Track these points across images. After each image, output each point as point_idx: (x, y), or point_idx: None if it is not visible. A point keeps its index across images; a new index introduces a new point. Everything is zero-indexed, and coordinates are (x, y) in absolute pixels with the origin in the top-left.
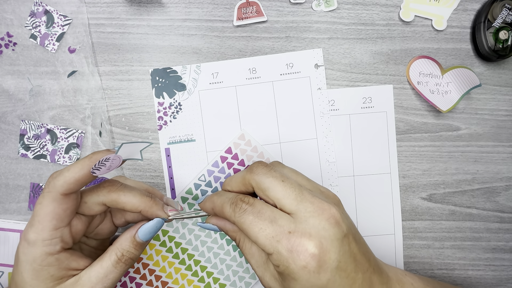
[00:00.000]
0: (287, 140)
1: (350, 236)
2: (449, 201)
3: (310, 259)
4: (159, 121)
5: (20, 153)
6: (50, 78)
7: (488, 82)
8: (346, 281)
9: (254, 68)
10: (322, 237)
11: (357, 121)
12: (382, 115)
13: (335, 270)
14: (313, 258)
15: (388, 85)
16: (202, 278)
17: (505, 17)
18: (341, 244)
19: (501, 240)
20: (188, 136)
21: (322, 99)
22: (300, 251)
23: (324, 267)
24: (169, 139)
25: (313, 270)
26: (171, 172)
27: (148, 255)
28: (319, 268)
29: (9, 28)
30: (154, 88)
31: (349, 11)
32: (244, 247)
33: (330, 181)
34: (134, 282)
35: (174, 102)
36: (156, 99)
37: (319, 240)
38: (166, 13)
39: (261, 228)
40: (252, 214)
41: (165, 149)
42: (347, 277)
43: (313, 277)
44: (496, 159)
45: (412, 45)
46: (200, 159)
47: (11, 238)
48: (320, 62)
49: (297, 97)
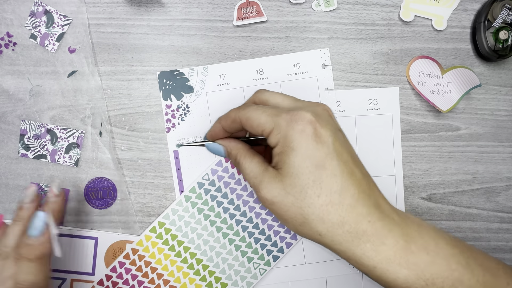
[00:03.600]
0: None
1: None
2: (449, 201)
3: (308, 124)
4: (167, 124)
5: (20, 153)
6: (50, 78)
7: (488, 82)
8: (344, 167)
9: (261, 69)
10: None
11: (363, 123)
12: (387, 117)
13: (332, 146)
14: (311, 124)
15: (394, 87)
16: (204, 277)
17: (505, 17)
18: (337, 132)
19: (501, 240)
20: (196, 138)
21: (330, 98)
22: (298, 119)
23: (322, 139)
24: (177, 141)
25: (310, 135)
26: (180, 174)
27: (151, 253)
28: (316, 137)
29: (9, 28)
30: (162, 90)
31: (349, 11)
32: (244, 161)
33: None
34: (136, 280)
35: (182, 104)
36: (164, 101)
37: (316, 114)
38: (166, 13)
39: (264, 110)
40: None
41: (174, 151)
42: (345, 164)
43: (311, 145)
44: (496, 159)
45: (412, 45)
46: (208, 161)
47: None
48: (327, 62)
49: (305, 97)
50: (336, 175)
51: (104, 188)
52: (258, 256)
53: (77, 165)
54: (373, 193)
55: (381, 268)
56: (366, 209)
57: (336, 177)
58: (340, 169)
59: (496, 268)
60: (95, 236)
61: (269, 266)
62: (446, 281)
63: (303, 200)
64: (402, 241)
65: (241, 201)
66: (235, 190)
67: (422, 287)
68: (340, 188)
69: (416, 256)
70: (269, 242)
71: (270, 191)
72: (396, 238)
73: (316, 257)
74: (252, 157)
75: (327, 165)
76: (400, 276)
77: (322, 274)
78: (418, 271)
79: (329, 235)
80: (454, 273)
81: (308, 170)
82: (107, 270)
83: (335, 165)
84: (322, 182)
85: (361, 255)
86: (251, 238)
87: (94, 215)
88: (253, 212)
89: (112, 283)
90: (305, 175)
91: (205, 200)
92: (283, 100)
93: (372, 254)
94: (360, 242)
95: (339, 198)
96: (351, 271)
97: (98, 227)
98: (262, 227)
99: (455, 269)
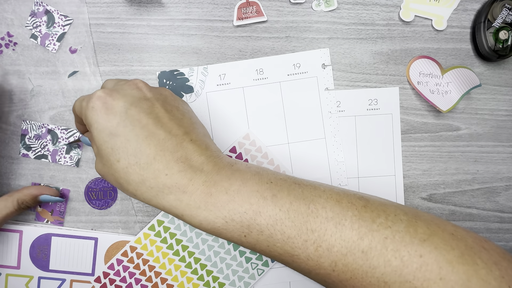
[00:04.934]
0: (295, 140)
1: (156, 102)
2: (449, 201)
3: (97, 100)
4: None
5: (21, 153)
6: (50, 78)
7: (488, 82)
8: (140, 131)
9: (261, 69)
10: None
11: (363, 123)
12: (387, 117)
13: (124, 115)
14: (100, 99)
15: (394, 87)
16: (202, 276)
17: (505, 17)
18: (139, 101)
19: (501, 240)
20: None
21: (330, 98)
22: (90, 98)
23: (113, 110)
24: None
25: (99, 109)
26: None
27: (149, 251)
28: (107, 110)
29: (10, 28)
30: None
31: (349, 11)
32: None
33: (339, 181)
34: (134, 278)
35: None
36: None
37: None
38: (166, 13)
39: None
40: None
41: None
42: (142, 128)
43: (101, 118)
44: (496, 159)
45: (412, 45)
46: None
47: (10, 238)
48: (327, 62)
49: (305, 97)
50: (129, 140)
51: (105, 189)
52: (256, 256)
53: (77, 165)
54: (181, 149)
55: (187, 215)
56: (163, 164)
57: (130, 141)
58: (135, 133)
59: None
60: (95, 236)
61: (267, 267)
62: (244, 216)
63: (110, 167)
64: (202, 187)
65: None
66: None
67: (223, 224)
68: (134, 150)
69: (214, 197)
70: None
71: (96, 166)
72: (196, 185)
73: None
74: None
75: (120, 132)
76: (202, 218)
77: None
78: (215, 211)
79: (139, 193)
80: (253, 206)
81: (104, 140)
82: (105, 268)
83: (128, 131)
84: (119, 148)
85: (169, 206)
86: None
87: (94, 215)
88: None
89: (109, 280)
90: (104, 144)
91: None
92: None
93: (176, 204)
94: (164, 194)
95: (135, 159)
96: None
97: (98, 228)
98: None
99: (254, 203)
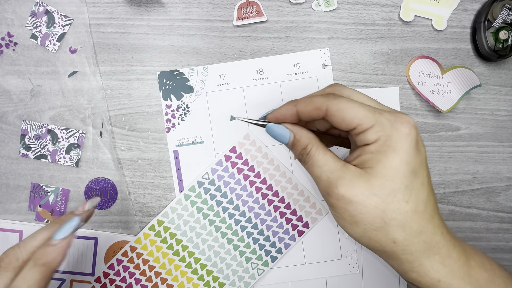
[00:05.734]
0: None
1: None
2: (449, 201)
3: (413, 128)
4: (167, 124)
5: (21, 153)
6: (50, 78)
7: (488, 82)
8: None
9: (261, 69)
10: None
11: None
12: None
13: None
14: (415, 129)
15: (394, 87)
16: (202, 276)
17: (505, 17)
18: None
19: (501, 240)
20: (196, 138)
21: None
22: (404, 121)
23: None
24: (177, 141)
25: (414, 140)
26: (180, 174)
27: (149, 251)
28: (417, 144)
29: (10, 28)
30: (162, 90)
31: (349, 11)
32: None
33: None
34: (134, 278)
35: (181, 104)
36: (164, 101)
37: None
38: (166, 13)
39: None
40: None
41: (174, 152)
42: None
43: (412, 150)
44: (496, 159)
45: (412, 45)
46: (208, 161)
47: (10, 239)
48: (327, 62)
49: None
50: (424, 185)
51: (105, 189)
52: (256, 256)
53: (77, 165)
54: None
55: (445, 282)
56: (441, 221)
57: (424, 186)
58: (428, 180)
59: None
60: (95, 236)
61: (267, 267)
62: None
63: (389, 204)
64: (464, 256)
65: (241, 201)
66: (234, 190)
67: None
68: (426, 198)
69: (477, 272)
70: (267, 243)
71: (351, 189)
72: (459, 252)
73: (316, 257)
74: (326, 150)
75: (420, 173)
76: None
77: (322, 274)
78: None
79: (404, 243)
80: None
81: (404, 175)
82: (105, 268)
83: (425, 175)
84: (413, 189)
85: (429, 267)
86: (249, 238)
87: (94, 215)
88: (252, 212)
89: (109, 280)
90: (400, 178)
91: (204, 199)
92: (367, 100)
93: (439, 267)
94: (431, 253)
95: (424, 207)
96: (351, 271)
97: (98, 227)
98: (261, 228)
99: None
